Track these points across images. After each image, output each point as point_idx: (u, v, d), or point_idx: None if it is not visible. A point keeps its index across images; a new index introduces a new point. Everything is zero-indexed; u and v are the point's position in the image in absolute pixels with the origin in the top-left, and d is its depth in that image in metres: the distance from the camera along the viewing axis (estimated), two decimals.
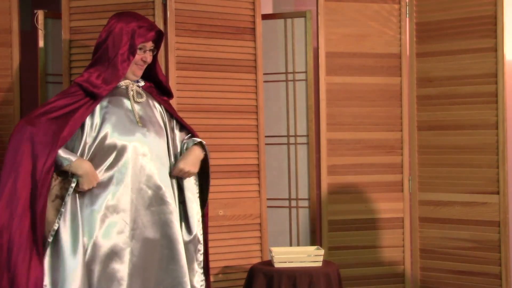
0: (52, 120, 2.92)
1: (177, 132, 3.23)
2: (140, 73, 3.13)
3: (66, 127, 2.90)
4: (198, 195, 3.19)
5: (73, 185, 2.88)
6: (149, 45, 3.09)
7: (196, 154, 3.12)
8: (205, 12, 3.85)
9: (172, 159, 3.15)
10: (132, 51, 3.02)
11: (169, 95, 3.29)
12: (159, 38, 3.15)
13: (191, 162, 3.10)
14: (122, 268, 2.90)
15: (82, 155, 2.93)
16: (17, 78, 3.90)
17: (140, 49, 3.07)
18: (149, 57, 3.12)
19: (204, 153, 3.16)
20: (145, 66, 3.13)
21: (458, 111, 4.08)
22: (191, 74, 3.81)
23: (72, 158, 2.89)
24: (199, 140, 3.16)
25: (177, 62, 3.75)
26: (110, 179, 2.95)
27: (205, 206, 3.23)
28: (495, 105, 3.97)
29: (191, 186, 3.16)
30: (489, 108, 3.99)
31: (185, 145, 3.18)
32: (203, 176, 3.21)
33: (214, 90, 3.86)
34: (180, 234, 3.03)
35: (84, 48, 3.76)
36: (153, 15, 3.71)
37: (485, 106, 4.00)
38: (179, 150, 3.18)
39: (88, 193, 2.92)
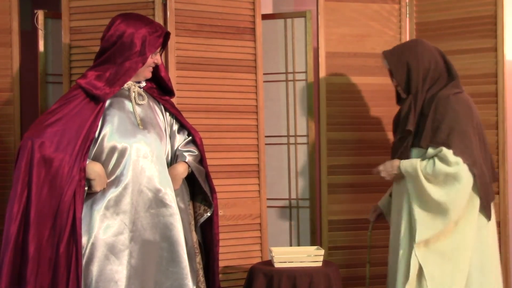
0: (62, 132, 2.88)
1: (176, 134, 3.24)
2: (150, 75, 3.14)
3: (83, 141, 2.88)
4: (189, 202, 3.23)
5: (86, 189, 2.89)
6: (159, 48, 3.10)
7: (178, 172, 3.12)
8: (205, 12, 3.85)
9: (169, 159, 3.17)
10: (143, 60, 3.02)
11: (171, 93, 3.29)
12: (167, 38, 3.16)
13: (172, 178, 3.09)
14: (120, 270, 2.90)
15: None
16: (17, 78, 3.90)
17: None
18: (159, 59, 3.12)
19: (190, 168, 3.16)
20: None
21: None
22: (191, 74, 3.81)
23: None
24: (186, 158, 3.15)
25: (177, 62, 3.75)
26: (111, 181, 2.94)
27: (211, 207, 3.25)
28: (495, 105, 3.98)
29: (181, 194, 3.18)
30: (489, 108, 3.99)
31: (176, 158, 3.18)
32: (199, 185, 3.22)
33: (214, 90, 3.86)
34: (181, 237, 3.01)
35: (84, 48, 3.76)
36: (153, 15, 3.71)
37: (485, 106, 4.00)
38: (169, 158, 3.19)
39: (91, 194, 2.92)
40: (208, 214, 3.26)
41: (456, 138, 3.17)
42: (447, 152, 3.14)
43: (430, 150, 3.22)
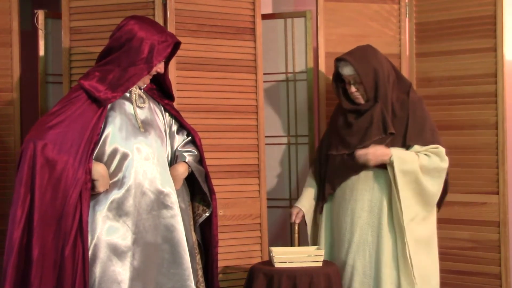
0: (65, 134, 2.86)
1: (176, 135, 3.24)
2: (148, 81, 3.14)
3: (86, 143, 2.87)
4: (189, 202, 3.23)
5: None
6: (165, 58, 3.10)
7: (179, 172, 3.13)
8: (205, 12, 3.84)
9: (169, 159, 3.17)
10: (148, 69, 3.01)
11: (171, 99, 3.29)
12: (176, 48, 3.16)
13: (172, 179, 3.09)
14: (122, 271, 2.90)
15: None
16: (17, 78, 3.90)
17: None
18: (163, 68, 3.12)
19: (190, 168, 3.16)
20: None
21: (458, 111, 4.08)
22: (191, 74, 3.81)
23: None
24: (186, 158, 3.16)
25: (177, 62, 3.75)
26: (114, 183, 2.94)
27: (210, 207, 3.25)
28: (495, 105, 3.98)
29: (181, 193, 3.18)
30: (489, 108, 4.00)
31: (176, 159, 3.18)
32: (199, 185, 3.22)
33: (214, 90, 3.85)
34: (183, 238, 3.01)
35: (84, 48, 3.76)
36: (153, 15, 3.71)
37: (485, 106, 4.00)
38: (169, 159, 3.19)
39: (93, 195, 2.91)
40: (207, 214, 3.26)
41: (439, 139, 3.49)
42: (442, 150, 3.45)
43: (417, 147, 3.42)
